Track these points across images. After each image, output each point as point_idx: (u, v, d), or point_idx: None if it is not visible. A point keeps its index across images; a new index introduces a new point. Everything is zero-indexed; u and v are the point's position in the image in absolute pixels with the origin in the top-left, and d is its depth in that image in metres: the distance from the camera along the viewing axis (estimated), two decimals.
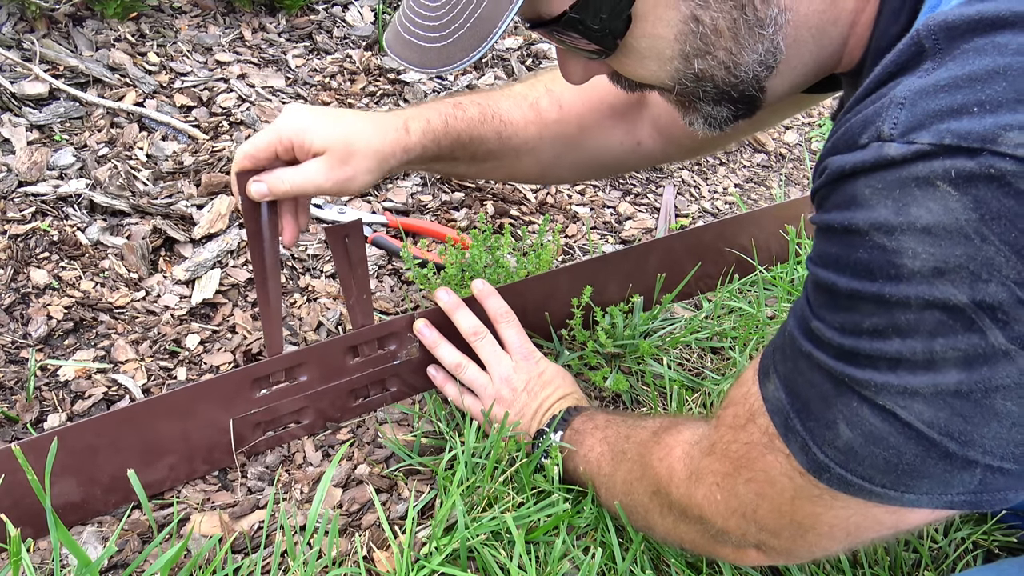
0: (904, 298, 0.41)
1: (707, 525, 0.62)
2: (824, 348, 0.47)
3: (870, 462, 0.46)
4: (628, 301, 1.05)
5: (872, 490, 0.48)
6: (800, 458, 0.51)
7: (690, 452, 0.64)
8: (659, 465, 0.66)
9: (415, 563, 0.72)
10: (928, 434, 0.43)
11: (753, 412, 0.55)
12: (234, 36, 1.48)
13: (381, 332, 0.89)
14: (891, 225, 0.41)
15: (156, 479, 0.81)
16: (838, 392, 0.47)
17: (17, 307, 0.98)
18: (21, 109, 1.21)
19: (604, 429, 0.78)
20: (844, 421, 0.47)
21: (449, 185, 1.32)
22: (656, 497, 0.67)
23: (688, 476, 0.63)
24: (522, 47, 1.69)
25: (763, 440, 0.54)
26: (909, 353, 0.42)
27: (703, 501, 0.61)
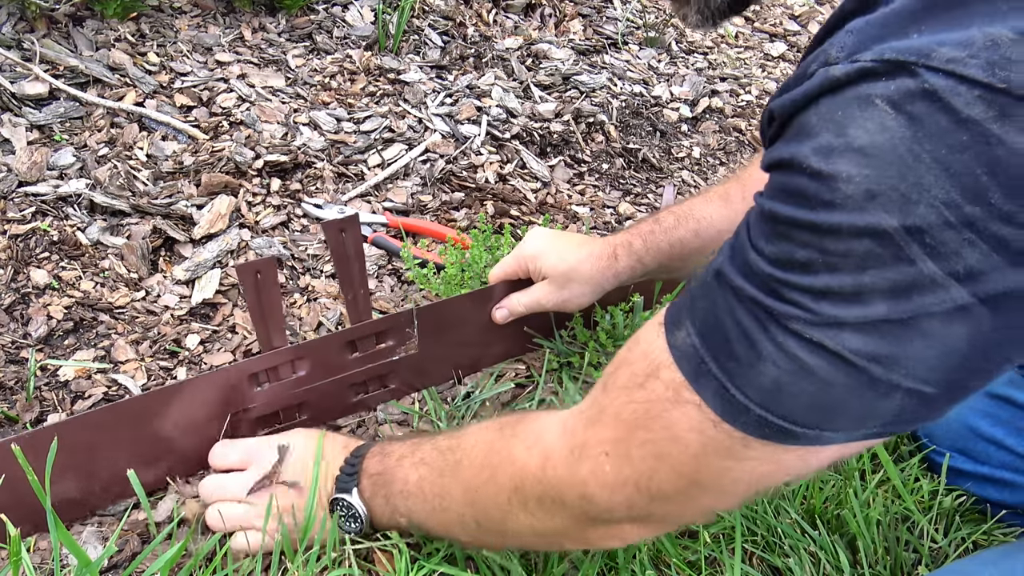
0: (836, 226, 0.41)
1: (587, 505, 0.57)
2: (755, 281, 0.46)
3: (794, 399, 0.45)
4: (628, 301, 1.05)
5: (791, 430, 0.46)
6: (714, 403, 0.48)
7: (568, 426, 0.58)
8: (525, 455, 0.60)
9: (414, 563, 0.72)
10: (855, 362, 0.43)
11: (655, 366, 0.51)
12: (234, 36, 1.48)
13: (379, 327, 0.89)
14: (830, 147, 0.41)
15: (154, 476, 0.81)
16: (764, 328, 0.45)
17: (17, 307, 0.98)
18: (21, 109, 1.21)
19: (412, 454, 0.70)
20: (768, 358, 0.45)
21: (449, 185, 1.32)
22: (517, 494, 0.61)
23: (569, 452, 0.57)
24: (522, 47, 1.69)
25: (667, 394, 0.50)
26: (837, 287, 0.42)
27: (588, 476, 0.56)
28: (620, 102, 1.61)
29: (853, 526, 0.80)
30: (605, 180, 1.44)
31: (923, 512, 0.85)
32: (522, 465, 0.61)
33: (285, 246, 1.14)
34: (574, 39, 1.78)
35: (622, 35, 1.83)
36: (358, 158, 1.33)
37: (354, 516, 0.72)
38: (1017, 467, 0.84)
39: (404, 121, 1.41)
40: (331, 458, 0.76)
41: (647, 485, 0.53)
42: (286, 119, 1.34)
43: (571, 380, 0.99)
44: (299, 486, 0.75)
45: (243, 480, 0.76)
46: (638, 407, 0.52)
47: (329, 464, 0.75)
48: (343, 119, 1.38)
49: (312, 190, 1.24)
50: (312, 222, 1.19)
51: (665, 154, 1.54)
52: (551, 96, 1.58)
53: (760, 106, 1.76)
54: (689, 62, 1.84)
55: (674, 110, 1.66)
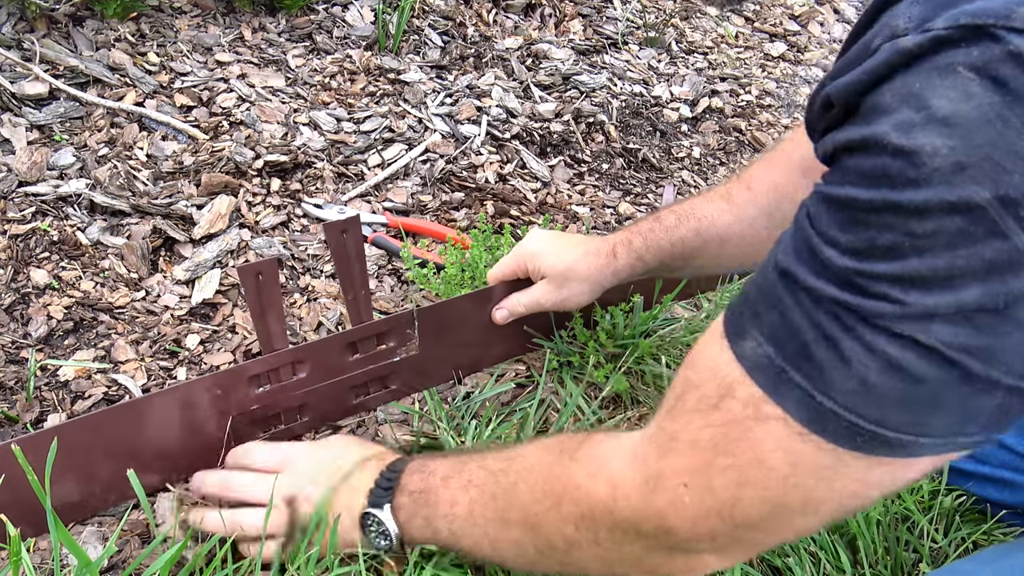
0: (923, 204, 0.38)
1: (667, 537, 0.53)
2: (831, 277, 0.43)
3: (885, 400, 0.42)
4: (628, 301, 1.05)
5: (883, 436, 0.43)
6: (799, 413, 0.45)
7: (639, 455, 0.54)
8: (591, 483, 0.56)
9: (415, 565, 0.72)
10: (949, 355, 0.40)
11: (728, 384, 0.48)
12: (234, 36, 1.48)
13: (380, 328, 0.89)
14: (910, 122, 0.38)
15: (154, 477, 0.81)
16: (846, 327, 0.42)
17: (17, 307, 0.98)
18: (21, 109, 1.21)
19: (459, 475, 0.66)
20: (855, 359, 0.42)
21: (449, 185, 1.32)
22: (585, 523, 0.57)
23: (643, 483, 0.53)
24: (522, 47, 1.69)
25: (746, 412, 0.47)
26: (928, 271, 0.39)
27: (667, 508, 0.52)
28: (620, 102, 1.61)
29: (853, 526, 0.80)
30: (605, 180, 1.44)
31: (923, 512, 0.85)
32: (588, 492, 0.56)
33: (285, 246, 1.14)
34: (574, 39, 1.78)
35: (622, 35, 1.83)
36: (358, 158, 1.33)
37: (384, 534, 0.69)
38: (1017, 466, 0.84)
39: (404, 121, 1.41)
40: (364, 468, 0.73)
41: (731, 514, 0.50)
42: (286, 119, 1.34)
43: (571, 380, 0.99)
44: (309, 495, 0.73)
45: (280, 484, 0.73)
46: (715, 431, 0.49)
47: (364, 474, 0.72)
48: (343, 119, 1.38)
49: (312, 190, 1.24)
50: (312, 222, 1.19)
51: (665, 154, 1.54)
52: (551, 96, 1.58)
53: (760, 106, 1.76)
54: (689, 62, 1.84)
55: (674, 110, 1.66)
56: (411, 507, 0.68)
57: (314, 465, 0.75)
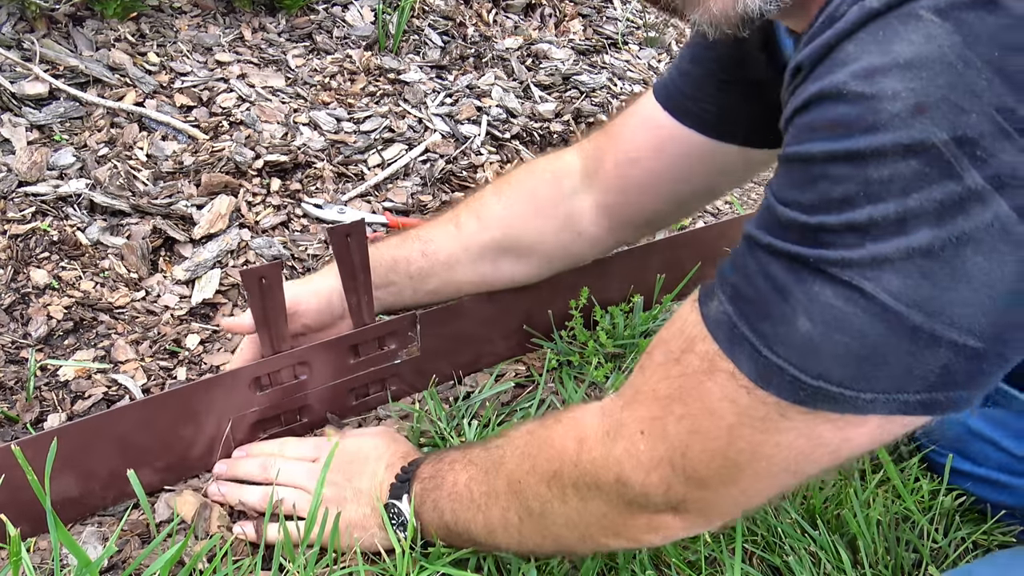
0: (880, 147, 0.38)
1: (623, 489, 0.54)
2: (787, 234, 0.43)
3: (829, 353, 0.43)
4: (629, 301, 1.05)
5: (826, 391, 0.44)
6: (748, 368, 0.46)
7: (607, 409, 0.57)
8: (562, 440, 0.59)
9: (416, 564, 0.72)
10: (894, 307, 0.40)
11: (690, 339, 0.50)
12: (234, 36, 1.48)
13: (382, 331, 0.89)
14: (872, 68, 0.38)
15: (155, 477, 0.81)
16: (798, 279, 0.43)
17: (17, 307, 0.98)
18: (21, 109, 1.21)
19: (464, 456, 0.69)
20: (803, 311, 0.43)
21: (449, 185, 1.32)
22: (556, 481, 0.59)
23: (604, 434, 0.55)
24: (522, 47, 1.70)
25: (702, 366, 0.49)
26: (880, 217, 0.39)
27: (622, 456, 0.54)
28: (620, 102, 1.61)
29: (853, 526, 0.80)
30: None
31: (923, 512, 0.85)
32: (560, 449, 0.59)
33: (285, 246, 1.14)
34: (574, 39, 1.78)
35: (622, 35, 1.83)
36: (358, 158, 1.33)
37: (403, 523, 0.71)
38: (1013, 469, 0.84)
39: (404, 121, 1.41)
40: (389, 465, 0.76)
41: (681, 464, 0.51)
42: (286, 119, 1.34)
43: (571, 380, 0.99)
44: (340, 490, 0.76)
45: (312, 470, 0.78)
46: (673, 382, 0.51)
47: (386, 471, 0.75)
48: (343, 119, 1.38)
49: (312, 190, 1.24)
50: (312, 222, 1.19)
51: None
52: (551, 96, 1.58)
53: None
54: None
55: None
56: (422, 493, 0.70)
57: (347, 459, 0.77)
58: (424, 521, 0.70)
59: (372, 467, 0.76)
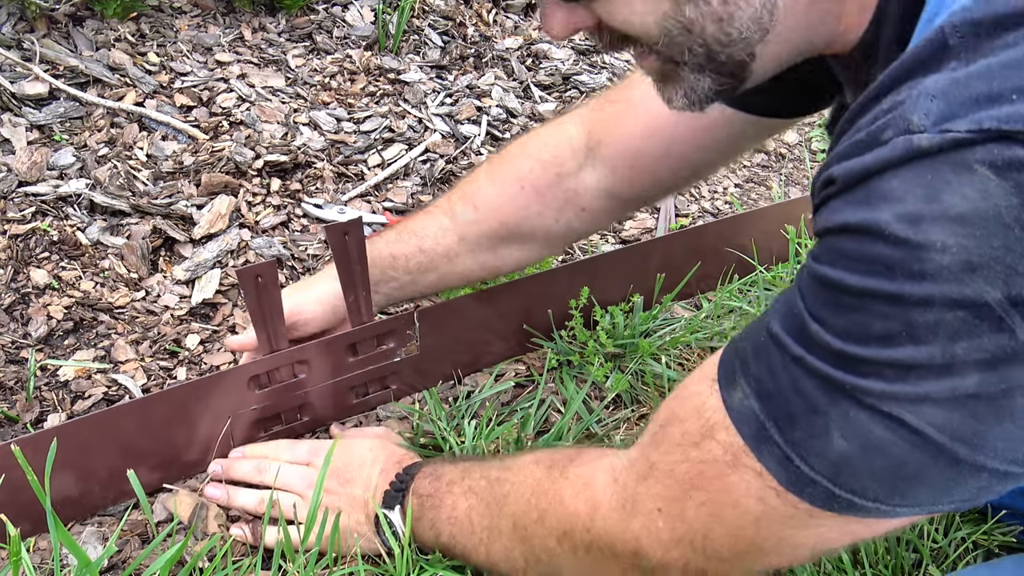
0: (926, 297, 0.38)
1: (641, 560, 0.54)
2: (820, 353, 0.43)
3: (866, 474, 0.43)
4: (628, 301, 1.05)
5: (860, 505, 0.44)
6: (777, 473, 0.45)
7: (619, 479, 0.56)
8: (574, 501, 0.58)
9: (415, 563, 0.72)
10: (938, 440, 0.40)
11: (711, 426, 0.49)
12: (234, 36, 1.48)
13: (380, 330, 0.89)
14: (919, 215, 0.37)
15: (155, 477, 0.81)
16: (832, 400, 0.42)
17: (17, 307, 0.98)
18: (21, 109, 1.21)
19: (462, 481, 0.69)
20: (837, 430, 0.42)
21: (449, 185, 1.32)
22: (567, 539, 0.59)
23: (620, 506, 0.55)
24: (522, 47, 1.70)
25: (725, 458, 0.48)
26: (925, 359, 0.39)
27: (640, 532, 0.53)
28: None
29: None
30: None
31: None
32: (572, 511, 0.58)
33: (285, 246, 1.14)
34: (574, 39, 1.78)
35: None
36: (358, 158, 1.33)
37: (395, 534, 0.71)
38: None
39: (404, 121, 1.41)
40: (383, 471, 0.76)
41: (702, 545, 0.51)
42: (286, 119, 1.34)
43: (571, 380, 0.99)
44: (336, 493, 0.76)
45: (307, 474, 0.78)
46: (692, 467, 0.50)
47: (380, 477, 0.75)
48: (343, 119, 1.38)
49: (312, 190, 1.24)
50: (312, 222, 1.19)
51: None
52: (551, 96, 1.58)
53: None
54: None
55: None
56: (419, 509, 0.70)
57: (342, 464, 0.77)
58: (419, 535, 0.71)
59: (367, 472, 0.76)
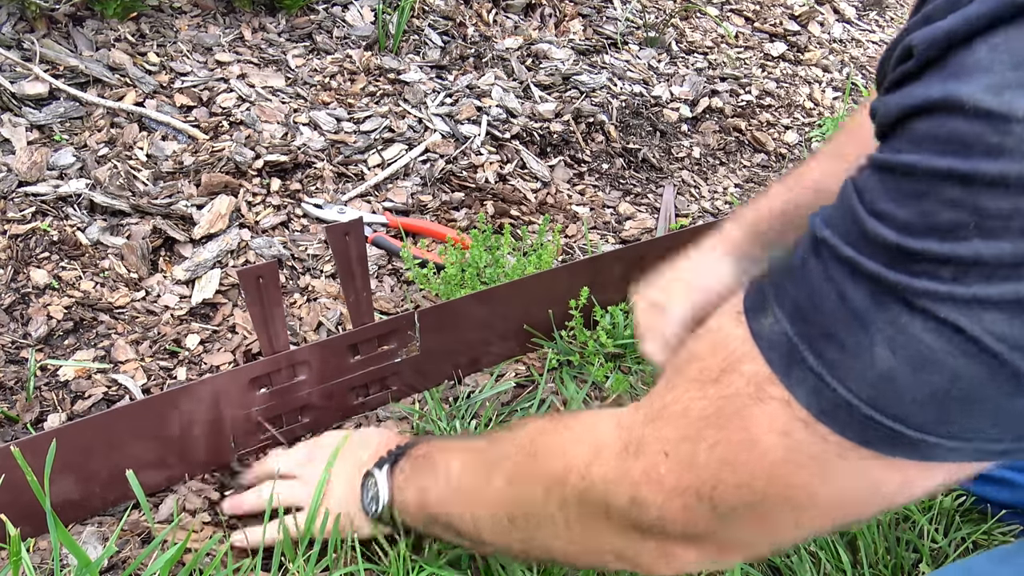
0: (1000, 176, 0.33)
1: (637, 511, 0.49)
2: (873, 251, 0.37)
3: (912, 393, 0.37)
4: (628, 301, 1.05)
5: (903, 434, 0.38)
6: (808, 400, 0.40)
7: (626, 423, 0.50)
8: (574, 445, 0.53)
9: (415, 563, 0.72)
10: (996, 349, 0.35)
11: (734, 359, 0.43)
12: (234, 36, 1.48)
13: (381, 330, 0.89)
14: (1004, 83, 0.32)
15: (155, 478, 0.81)
16: (880, 306, 0.37)
17: (17, 307, 0.98)
18: (21, 109, 1.21)
19: (462, 445, 0.66)
20: (884, 343, 0.37)
21: (449, 185, 1.32)
22: (558, 489, 0.53)
23: (622, 449, 0.49)
24: (522, 47, 1.69)
25: (747, 389, 0.42)
26: (992, 257, 0.34)
27: (641, 476, 0.48)
28: (620, 102, 1.61)
29: (853, 526, 0.80)
30: (605, 180, 1.44)
31: (923, 512, 0.85)
32: (569, 456, 0.53)
33: (285, 246, 1.14)
34: (574, 39, 1.78)
35: (622, 35, 1.83)
36: (358, 158, 1.32)
37: (375, 497, 0.69)
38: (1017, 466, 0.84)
39: (404, 121, 1.41)
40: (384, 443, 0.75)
41: (709, 495, 0.45)
42: (286, 119, 1.34)
43: (571, 380, 0.99)
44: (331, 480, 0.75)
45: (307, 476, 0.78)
46: (709, 403, 0.44)
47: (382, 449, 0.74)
48: (343, 119, 1.38)
49: (312, 190, 1.24)
50: (312, 222, 1.19)
51: (665, 154, 1.54)
52: (551, 96, 1.58)
53: (760, 106, 1.76)
54: (689, 62, 1.84)
55: (674, 110, 1.66)
56: (410, 472, 0.67)
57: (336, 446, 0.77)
58: (405, 502, 0.67)
59: (360, 453, 0.75)
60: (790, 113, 1.79)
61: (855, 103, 1.84)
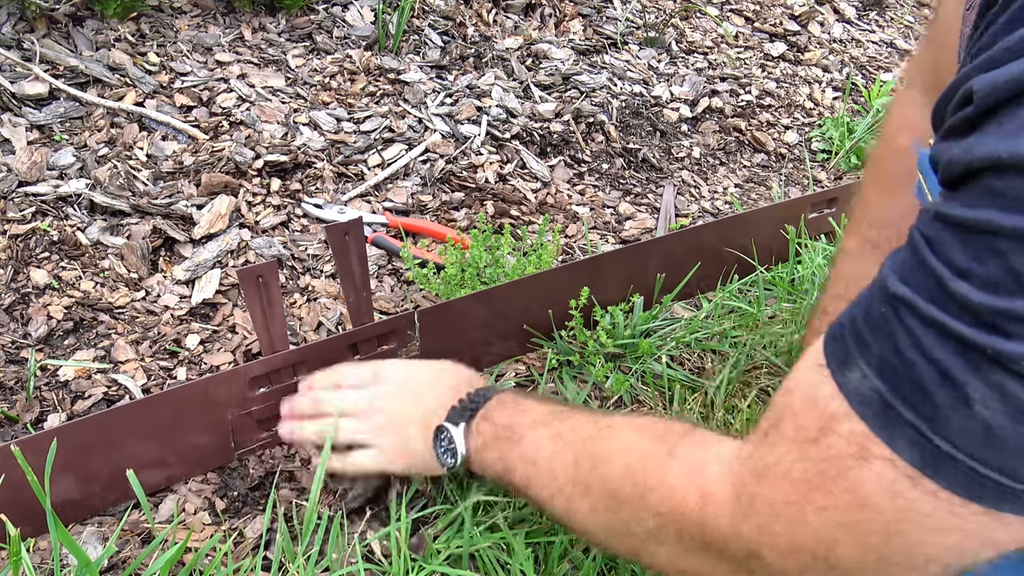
0: None
1: (754, 563, 0.49)
2: (957, 311, 0.37)
3: (1013, 446, 0.37)
4: (628, 301, 1.05)
5: (1009, 488, 0.38)
6: (911, 455, 0.39)
7: (735, 472, 0.50)
8: (685, 486, 0.53)
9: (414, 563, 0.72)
10: None
11: (829, 418, 0.43)
12: (234, 36, 1.48)
13: (381, 330, 0.89)
14: None
15: (155, 478, 0.81)
16: (973, 368, 0.37)
17: (17, 307, 0.98)
18: (21, 109, 1.21)
19: (550, 424, 0.65)
20: (982, 402, 0.37)
21: (449, 185, 1.32)
22: (671, 526, 0.54)
23: (735, 502, 0.49)
24: (522, 47, 1.69)
25: (849, 450, 0.42)
26: None
27: (757, 535, 0.48)
28: (620, 102, 1.61)
29: None
30: (605, 180, 1.44)
31: None
32: (680, 497, 0.53)
33: (285, 246, 1.14)
34: (574, 39, 1.78)
35: (622, 35, 1.83)
36: (358, 158, 1.32)
37: (452, 452, 0.69)
38: None
39: (404, 121, 1.41)
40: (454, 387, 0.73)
41: (826, 555, 0.45)
42: (286, 119, 1.34)
43: (571, 380, 0.99)
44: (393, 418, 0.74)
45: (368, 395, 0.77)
46: (811, 466, 0.44)
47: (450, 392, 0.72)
48: (343, 119, 1.38)
49: (312, 190, 1.24)
50: (312, 222, 1.19)
51: (665, 154, 1.54)
52: (551, 96, 1.58)
53: (760, 106, 1.76)
54: (689, 62, 1.84)
55: (674, 110, 1.66)
56: (490, 437, 0.67)
57: (404, 379, 0.76)
58: (482, 463, 0.67)
59: (438, 389, 0.73)
60: (790, 113, 1.79)
61: (855, 103, 1.84)
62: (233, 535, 0.77)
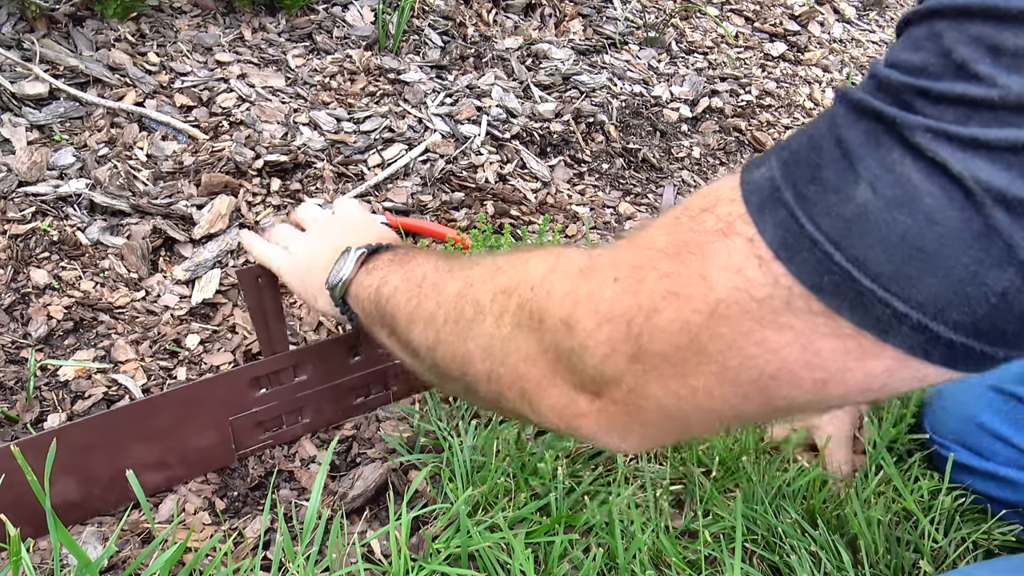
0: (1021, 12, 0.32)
1: (563, 334, 0.46)
2: (881, 93, 0.36)
3: (879, 234, 0.35)
4: None
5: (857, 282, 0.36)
6: (772, 235, 0.38)
7: (596, 251, 0.49)
8: (537, 264, 0.51)
9: (414, 563, 0.72)
10: (977, 194, 0.33)
11: (716, 200, 0.42)
12: (234, 36, 1.48)
13: None
14: None
15: (155, 478, 0.81)
16: (875, 144, 0.36)
17: (17, 307, 0.98)
18: (21, 109, 1.21)
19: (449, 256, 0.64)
20: (868, 180, 0.35)
21: (449, 185, 1.32)
22: (502, 296, 0.52)
23: (579, 270, 0.48)
24: (522, 47, 1.70)
25: (717, 226, 0.40)
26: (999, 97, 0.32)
27: (582, 297, 0.46)
28: (620, 102, 1.61)
29: (854, 525, 0.80)
30: (605, 180, 1.44)
31: (924, 512, 0.85)
32: (529, 271, 0.51)
33: None
34: (574, 39, 1.78)
35: (622, 35, 1.83)
36: (358, 158, 1.32)
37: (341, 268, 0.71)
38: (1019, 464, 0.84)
39: (404, 121, 1.41)
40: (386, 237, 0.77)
41: (639, 327, 0.43)
42: (286, 119, 1.34)
43: None
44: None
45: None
46: (676, 238, 0.42)
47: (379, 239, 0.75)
48: (343, 119, 1.38)
49: (312, 190, 1.24)
50: None
51: (665, 154, 1.54)
52: (551, 96, 1.58)
53: (760, 106, 1.76)
54: (689, 62, 1.84)
55: (674, 110, 1.66)
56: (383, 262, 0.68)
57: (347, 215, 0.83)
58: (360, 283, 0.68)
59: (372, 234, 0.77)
60: (790, 113, 1.79)
61: None
62: (233, 535, 0.77)
